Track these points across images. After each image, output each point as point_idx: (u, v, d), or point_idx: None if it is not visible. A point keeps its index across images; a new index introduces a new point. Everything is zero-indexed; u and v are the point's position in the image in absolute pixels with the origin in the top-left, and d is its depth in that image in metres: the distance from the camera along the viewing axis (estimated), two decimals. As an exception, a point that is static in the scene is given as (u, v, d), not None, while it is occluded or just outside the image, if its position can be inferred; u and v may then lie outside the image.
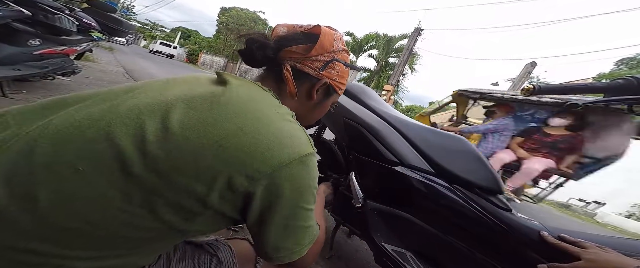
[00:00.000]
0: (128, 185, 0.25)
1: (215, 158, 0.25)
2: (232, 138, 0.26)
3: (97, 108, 0.28)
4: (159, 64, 9.04)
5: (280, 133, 0.28)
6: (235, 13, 26.62)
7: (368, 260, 1.02)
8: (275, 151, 0.27)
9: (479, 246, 0.62)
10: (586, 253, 0.45)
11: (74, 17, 1.61)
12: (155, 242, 0.30)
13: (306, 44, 0.37)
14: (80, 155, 0.24)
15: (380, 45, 15.45)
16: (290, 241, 0.31)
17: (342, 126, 0.81)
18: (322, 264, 0.90)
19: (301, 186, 0.29)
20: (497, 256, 0.60)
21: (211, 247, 0.38)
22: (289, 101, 0.38)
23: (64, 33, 1.57)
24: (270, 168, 0.26)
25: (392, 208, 0.74)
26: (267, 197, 0.27)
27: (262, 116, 0.29)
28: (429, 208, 0.68)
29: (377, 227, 0.74)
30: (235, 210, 0.28)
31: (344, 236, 1.16)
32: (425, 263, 0.67)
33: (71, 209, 0.24)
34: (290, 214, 0.30)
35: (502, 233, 0.57)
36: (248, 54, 0.38)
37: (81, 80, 2.61)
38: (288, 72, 0.36)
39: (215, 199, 0.26)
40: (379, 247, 0.70)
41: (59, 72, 1.68)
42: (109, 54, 6.99)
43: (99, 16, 1.86)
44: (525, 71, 7.94)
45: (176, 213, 0.26)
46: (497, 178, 0.64)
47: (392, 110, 0.85)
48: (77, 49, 1.74)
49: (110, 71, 4.04)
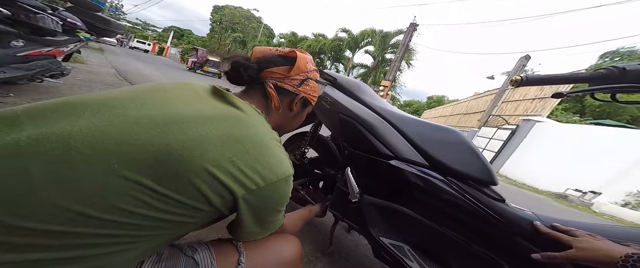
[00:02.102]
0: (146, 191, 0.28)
1: (226, 170, 0.31)
2: (241, 156, 0.33)
3: (117, 117, 0.30)
4: (152, 65, 8.84)
5: (274, 157, 0.36)
6: (228, 11, 26.29)
7: (368, 255, 1.03)
8: (269, 171, 0.35)
9: (474, 237, 0.62)
10: (577, 241, 0.46)
11: (57, 17, 1.55)
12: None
13: (285, 65, 0.46)
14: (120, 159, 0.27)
15: (376, 41, 15.40)
16: (261, 230, 0.40)
17: (337, 122, 0.81)
18: (324, 260, 0.90)
19: (281, 197, 0.38)
20: (493, 247, 0.60)
21: (190, 249, 0.38)
22: (274, 113, 0.47)
23: (48, 33, 1.51)
24: (264, 182, 0.34)
25: (388, 202, 0.75)
26: (255, 202, 0.35)
27: (263, 142, 0.36)
28: (424, 201, 0.68)
29: (374, 222, 0.74)
30: (228, 209, 0.35)
31: (344, 232, 1.17)
32: (422, 255, 0.68)
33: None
34: (268, 214, 0.39)
35: (496, 223, 0.58)
36: (234, 75, 0.46)
37: (72, 82, 2.56)
38: (272, 90, 0.44)
39: (218, 200, 0.32)
40: (377, 241, 0.70)
41: (47, 75, 1.64)
42: (100, 54, 6.81)
43: (85, 15, 1.79)
44: (519, 64, 7.99)
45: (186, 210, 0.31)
46: (490, 169, 0.64)
47: (386, 104, 0.85)
48: (64, 50, 1.69)
49: (102, 72, 3.94)
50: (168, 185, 0.28)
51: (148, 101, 0.33)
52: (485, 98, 10.59)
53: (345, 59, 18.12)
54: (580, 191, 5.06)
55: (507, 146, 7.12)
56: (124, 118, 0.29)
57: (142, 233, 0.30)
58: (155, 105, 0.33)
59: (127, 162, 0.27)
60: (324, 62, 18.57)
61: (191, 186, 0.29)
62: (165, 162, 0.28)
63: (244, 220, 0.36)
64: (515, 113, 8.55)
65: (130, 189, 0.27)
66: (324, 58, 18.58)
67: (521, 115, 7.90)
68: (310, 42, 18.76)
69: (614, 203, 4.60)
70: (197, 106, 0.35)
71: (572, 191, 5.18)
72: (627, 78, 0.46)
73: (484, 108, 9.81)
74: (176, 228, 0.33)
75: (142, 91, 0.36)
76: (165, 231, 0.32)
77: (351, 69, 17.39)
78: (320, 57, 18.56)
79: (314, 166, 1.10)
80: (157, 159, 0.28)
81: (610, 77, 0.47)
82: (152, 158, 0.28)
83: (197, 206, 0.31)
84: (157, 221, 0.29)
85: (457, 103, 15.53)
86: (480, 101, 11.17)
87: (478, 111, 10.82)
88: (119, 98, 0.32)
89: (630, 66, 0.46)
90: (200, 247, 0.39)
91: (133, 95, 0.34)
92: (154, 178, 0.28)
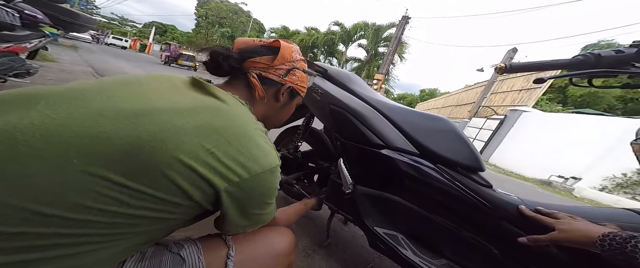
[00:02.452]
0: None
1: (205, 163, 0.30)
2: (222, 147, 0.31)
3: (86, 107, 0.28)
4: (135, 63, 8.27)
5: (258, 148, 0.35)
6: (214, 5, 25.35)
7: (364, 246, 1.05)
8: (253, 162, 0.33)
9: (464, 223, 0.64)
10: (559, 223, 0.48)
11: (13, 9, 1.37)
12: None
13: (268, 55, 0.44)
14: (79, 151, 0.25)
15: (369, 34, 15.35)
16: (250, 223, 0.39)
17: (329, 113, 0.80)
18: (321, 252, 0.91)
19: (268, 189, 0.37)
20: (481, 231, 0.62)
21: (176, 245, 0.37)
22: (259, 104, 0.45)
23: (5, 28, 1.34)
24: (248, 174, 0.33)
25: (380, 191, 0.76)
26: (240, 195, 0.34)
27: (246, 132, 0.35)
28: (415, 189, 0.69)
29: (368, 212, 0.75)
30: (211, 203, 0.33)
31: (341, 224, 1.18)
32: (416, 243, 0.69)
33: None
34: (256, 206, 0.38)
35: (484, 209, 0.59)
36: (213, 65, 0.43)
37: (41, 82, 2.38)
38: (255, 79, 0.43)
39: (198, 194, 0.30)
40: (372, 231, 0.71)
41: (10, 74, 1.47)
42: (72, 52, 6.34)
43: (47, 8, 1.60)
44: (507, 56, 8.19)
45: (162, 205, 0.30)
46: (478, 155, 0.66)
47: (377, 95, 0.85)
48: (27, 46, 1.52)
49: (77, 70, 3.70)
50: (140, 180, 0.27)
51: (117, 93, 0.31)
52: (475, 90, 10.83)
53: (338, 53, 18.00)
54: (563, 178, 5.32)
55: (496, 136, 7.36)
56: (85, 109, 0.27)
57: (117, 231, 0.28)
58: (125, 97, 0.30)
59: (90, 156, 0.25)
60: (317, 56, 18.39)
61: (165, 180, 0.28)
62: (136, 156, 0.26)
63: (229, 213, 0.35)
64: (503, 103, 8.81)
65: (95, 185, 0.25)
66: (317, 52, 18.39)
67: (509, 106, 8.14)
68: (303, 36, 18.50)
69: (593, 188, 4.87)
70: (173, 98, 0.33)
71: (555, 178, 5.44)
72: (602, 64, 0.49)
73: (474, 99, 10.05)
74: (156, 224, 0.31)
75: (111, 83, 0.33)
76: (145, 229, 0.30)
77: (345, 63, 17.31)
78: (314, 51, 18.35)
79: (307, 160, 1.10)
80: (127, 153, 0.26)
81: (586, 63, 0.50)
82: (120, 152, 0.26)
83: (175, 200, 0.29)
84: (132, 218, 0.28)
85: (449, 95, 15.83)
86: (471, 93, 11.42)
87: (468, 103, 11.07)
88: (82, 90, 0.30)
89: (604, 52, 0.49)
90: (187, 243, 0.38)
91: (99, 87, 0.31)
92: (124, 173, 0.26)
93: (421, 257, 0.65)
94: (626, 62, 0.47)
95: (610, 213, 0.52)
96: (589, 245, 0.42)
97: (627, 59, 0.47)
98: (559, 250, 0.50)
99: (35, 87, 0.30)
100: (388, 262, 0.96)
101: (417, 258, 0.64)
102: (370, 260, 0.95)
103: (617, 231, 0.40)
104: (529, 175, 6.09)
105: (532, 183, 5.49)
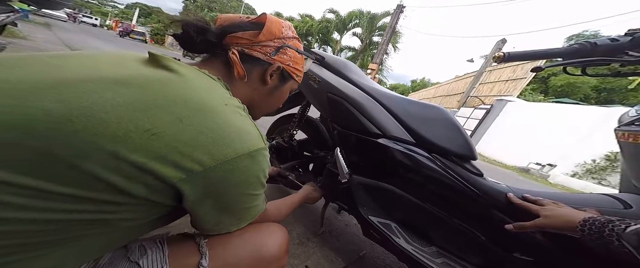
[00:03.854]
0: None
1: (144, 149, 0.23)
2: (171, 127, 0.24)
3: (24, 72, 0.23)
4: (114, 44, 7.81)
5: (227, 126, 0.27)
6: (203, -13, 23.49)
7: (357, 234, 1.07)
8: (221, 145, 0.26)
9: (455, 211, 0.66)
10: (544, 210, 0.50)
11: None
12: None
13: (254, 30, 0.37)
14: None
15: (364, 23, 15.00)
16: (231, 220, 0.33)
17: (326, 102, 0.78)
18: (315, 241, 0.93)
19: (248, 177, 0.30)
20: (472, 219, 0.64)
21: (139, 250, 0.31)
22: (241, 87, 0.38)
23: None
24: (214, 161, 0.26)
25: (376, 181, 0.76)
26: (208, 187, 0.27)
27: (211, 108, 0.27)
28: (410, 178, 0.70)
29: (363, 201, 0.76)
30: (171, 198, 0.27)
31: (334, 212, 1.20)
32: (408, 232, 0.71)
33: None
34: (235, 201, 0.31)
35: (476, 197, 0.61)
36: (186, 39, 0.36)
37: None
38: (234, 55, 0.36)
39: (141, 189, 0.24)
40: (366, 220, 0.72)
41: None
42: (46, 30, 5.93)
43: None
44: (496, 47, 8.31)
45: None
46: (471, 144, 0.67)
47: (374, 83, 0.84)
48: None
49: (50, 49, 3.44)
50: (43, 176, 0.20)
51: (27, 64, 0.23)
52: (465, 80, 11.03)
53: (333, 41, 17.56)
54: (540, 165, 5.68)
55: (482, 125, 7.64)
56: None
57: (36, 239, 0.22)
58: (34, 69, 0.23)
59: None
60: (312, 45, 17.90)
61: (80, 174, 0.21)
62: (28, 144, 0.20)
63: (200, 212, 0.29)
64: (491, 93, 9.07)
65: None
66: (312, 40, 17.88)
67: (496, 96, 8.40)
68: (297, 23, 17.85)
69: (565, 174, 5.25)
70: (105, 69, 0.26)
71: (533, 165, 5.80)
72: (597, 52, 0.49)
73: (463, 89, 10.26)
74: (99, 227, 0.25)
75: (32, 56, 0.26)
76: (89, 232, 0.25)
77: (339, 51, 16.95)
78: (308, 39, 17.81)
79: (303, 149, 1.09)
80: (17, 143, 0.20)
81: (582, 52, 0.50)
82: (7, 143, 0.19)
83: (106, 198, 0.23)
84: (54, 223, 0.22)
85: (439, 86, 16.07)
86: (460, 83, 11.63)
87: (458, 93, 11.31)
88: None
89: (600, 40, 0.49)
90: (152, 249, 0.32)
91: (7, 56, 0.25)
92: (21, 171, 0.20)
93: (413, 244, 0.67)
94: (620, 50, 0.47)
95: (592, 199, 0.55)
96: (571, 230, 0.44)
97: (621, 47, 0.47)
98: (543, 236, 0.53)
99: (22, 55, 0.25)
100: (380, 250, 0.99)
101: (409, 246, 0.66)
102: (363, 248, 0.97)
103: (596, 216, 0.42)
104: (510, 163, 6.44)
105: (512, 170, 5.83)
